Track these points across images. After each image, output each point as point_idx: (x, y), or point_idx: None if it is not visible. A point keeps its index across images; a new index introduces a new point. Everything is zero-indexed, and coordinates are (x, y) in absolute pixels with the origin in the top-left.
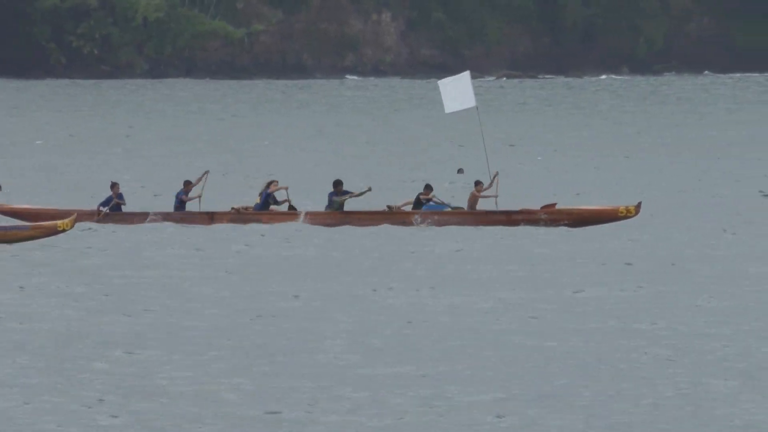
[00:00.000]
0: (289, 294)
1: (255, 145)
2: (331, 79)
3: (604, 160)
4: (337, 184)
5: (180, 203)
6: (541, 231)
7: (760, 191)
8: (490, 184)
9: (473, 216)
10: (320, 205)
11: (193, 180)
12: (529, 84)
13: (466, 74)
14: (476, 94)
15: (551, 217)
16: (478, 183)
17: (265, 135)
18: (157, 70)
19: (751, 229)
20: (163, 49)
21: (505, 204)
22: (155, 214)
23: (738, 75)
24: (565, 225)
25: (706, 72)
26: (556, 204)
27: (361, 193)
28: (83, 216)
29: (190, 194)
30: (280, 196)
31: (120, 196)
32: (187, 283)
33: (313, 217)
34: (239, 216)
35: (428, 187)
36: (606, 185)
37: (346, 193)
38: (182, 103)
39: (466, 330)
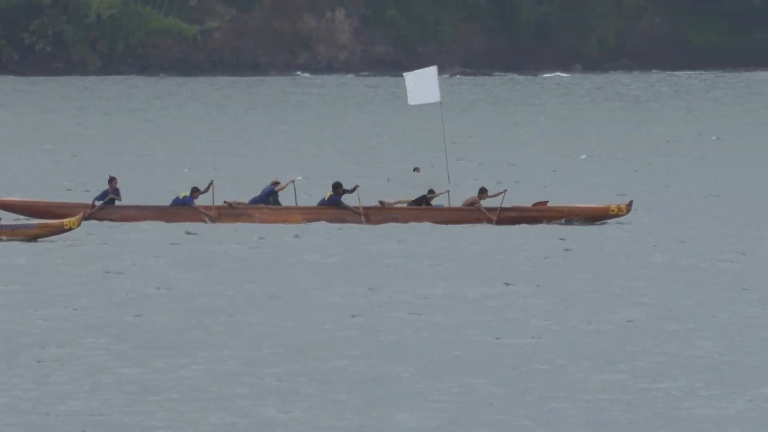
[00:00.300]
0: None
1: (193, 142)
2: (284, 77)
3: (552, 157)
4: (337, 186)
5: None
6: (535, 228)
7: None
8: (495, 195)
9: (466, 213)
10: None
11: (201, 188)
12: (481, 81)
13: (433, 69)
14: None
15: (546, 215)
16: (483, 191)
17: (208, 132)
18: (110, 67)
19: (707, 226)
20: (117, 46)
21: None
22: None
23: (690, 73)
24: (577, 222)
25: (655, 70)
26: (547, 202)
27: (354, 189)
28: (77, 210)
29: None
30: (285, 196)
31: (116, 192)
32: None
33: (308, 214)
34: (231, 210)
35: (431, 191)
36: (556, 182)
37: (345, 191)
38: (129, 100)
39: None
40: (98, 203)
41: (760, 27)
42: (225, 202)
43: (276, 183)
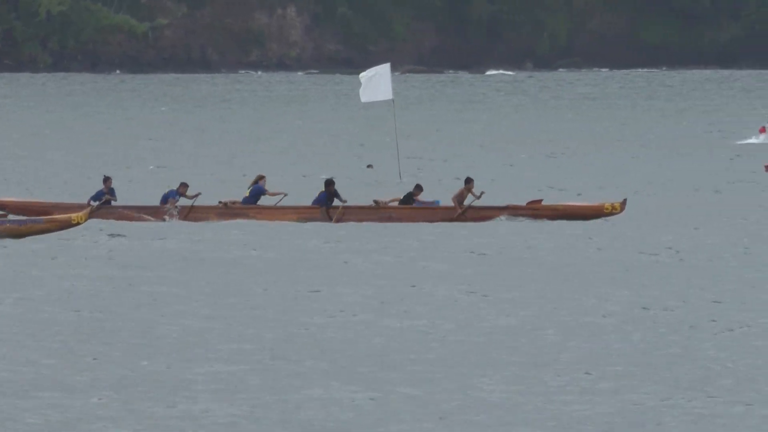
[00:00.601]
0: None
1: (119, 139)
2: (235, 74)
3: (499, 154)
4: (329, 184)
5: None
6: (526, 226)
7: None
8: (479, 195)
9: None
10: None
11: (189, 187)
12: (428, 79)
13: (387, 66)
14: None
15: (536, 213)
16: (468, 180)
17: (142, 130)
18: (60, 64)
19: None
20: (67, 43)
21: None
22: (141, 208)
23: (642, 71)
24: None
25: (605, 69)
26: (542, 200)
27: (343, 204)
28: (72, 209)
29: (178, 202)
30: (274, 200)
31: (111, 191)
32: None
33: (302, 213)
34: (227, 210)
35: (419, 187)
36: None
37: (338, 195)
38: (71, 97)
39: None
40: (93, 203)
41: (711, 25)
42: (220, 202)
43: (261, 177)
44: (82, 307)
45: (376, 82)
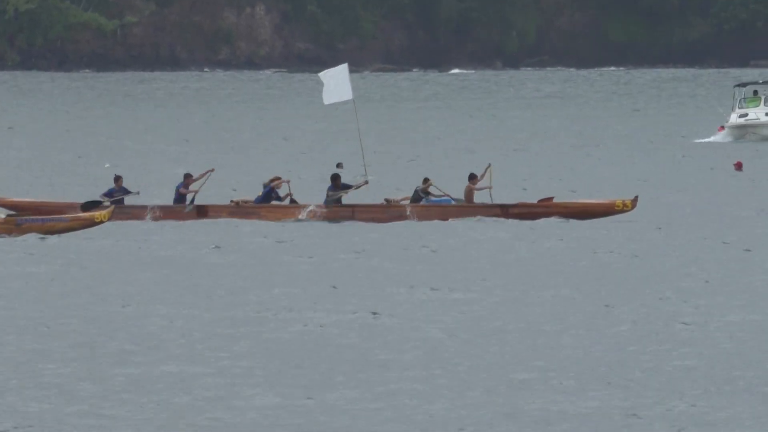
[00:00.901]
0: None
1: (77, 137)
2: (203, 72)
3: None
4: (335, 178)
5: (179, 196)
6: (538, 224)
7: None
8: (482, 176)
9: (471, 209)
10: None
11: (194, 174)
12: (393, 78)
13: (344, 67)
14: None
15: (548, 210)
16: (472, 176)
17: (102, 129)
18: (28, 62)
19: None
20: (35, 41)
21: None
22: (154, 207)
23: (608, 69)
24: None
25: (572, 68)
26: (553, 198)
27: (359, 186)
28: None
29: (190, 187)
30: (282, 191)
31: (122, 190)
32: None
33: (314, 212)
34: (239, 209)
35: (426, 180)
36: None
37: (347, 187)
38: (26, 96)
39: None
40: (107, 201)
41: (679, 23)
42: (232, 201)
43: (275, 179)
44: (92, 306)
45: (336, 83)
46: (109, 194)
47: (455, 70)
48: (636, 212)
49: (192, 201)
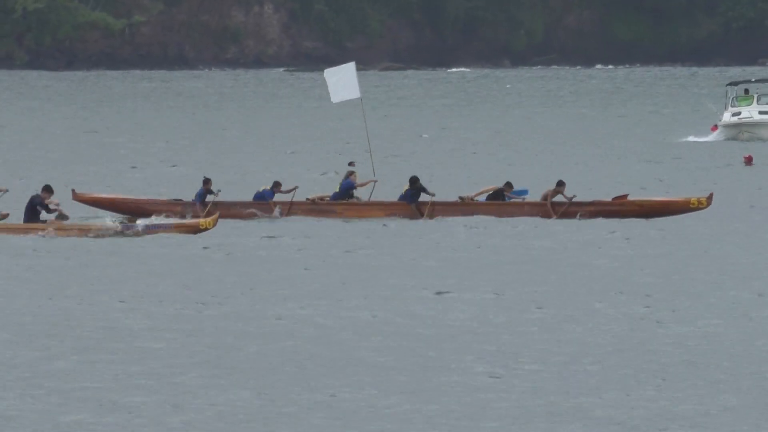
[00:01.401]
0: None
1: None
2: (214, 71)
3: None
4: (415, 181)
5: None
6: (614, 223)
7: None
8: (569, 199)
9: (546, 207)
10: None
11: (283, 184)
12: (397, 77)
13: (351, 65)
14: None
15: (622, 208)
16: (560, 183)
17: (95, 126)
18: (36, 62)
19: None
20: (43, 41)
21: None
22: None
23: (614, 67)
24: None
25: (580, 65)
26: (627, 195)
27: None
28: (172, 207)
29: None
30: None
31: (211, 192)
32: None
33: (390, 209)
34: (314, 206)
35: (509, 185)
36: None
37: (425, 190)
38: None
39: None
40: (198, 204)
41: (686, 22)
42: (308, 198)
43: (352, 173)
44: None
45: (344, 81)
46: (199, 197)
47: (453, 69)
48: (710, 209)
49: (202, 200)
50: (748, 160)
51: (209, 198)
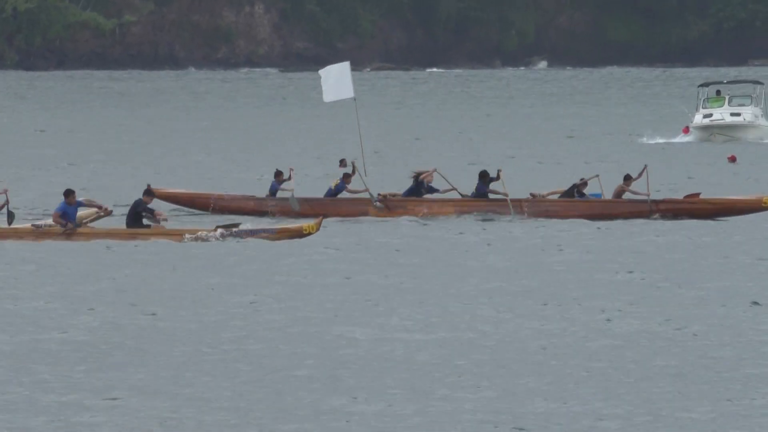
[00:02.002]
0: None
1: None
2: (202, 71)
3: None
4: (483, 175)
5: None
6: (685, 222)
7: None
8: (639, 176)
9: (618, 204)
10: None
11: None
12: (395, 76)
13: (346, 65)
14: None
15: (694, 207)
16: (627, 178)
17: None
18: (27, 62)
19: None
20: (34, 41)
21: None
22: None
23: (606, 68)
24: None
25: (569, 67)
26: (699, 194)
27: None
28: (244, 202)
29: (349, 186)
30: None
31: (282, 183)
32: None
33: (462, 206)
34: (386, 202)
35: (584, 183)
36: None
37: (492, 180)
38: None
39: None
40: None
41: (678, 24)
42: (379, 194)
43: (424, 172)
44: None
45: (338, 81)
46: (272, 191)
47: (434, 69)
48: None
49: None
50: (732, 159)
51: (283, 188)
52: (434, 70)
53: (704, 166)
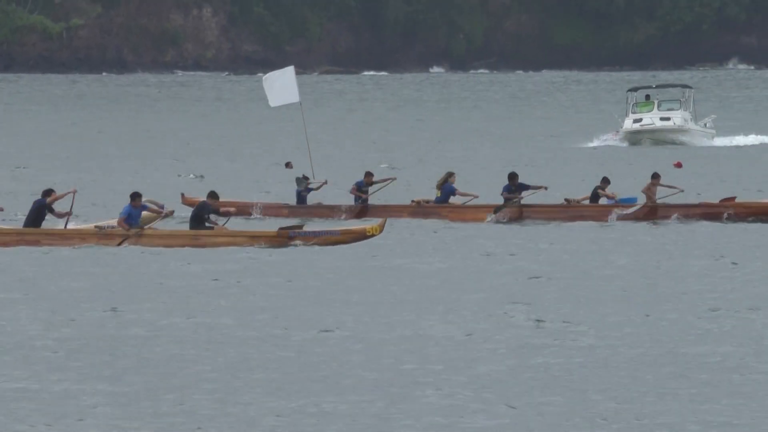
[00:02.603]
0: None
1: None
2: (151, 74)
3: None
4: (513, 176)
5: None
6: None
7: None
8: (670, 187)
9: (654, 209)
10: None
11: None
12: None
13: (291, 69)
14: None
15: (734, 210)
16: (656, 175)
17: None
18: None
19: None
20: None
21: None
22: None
23: (556, 72)
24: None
25: (519, 70)
26: (735, 197)
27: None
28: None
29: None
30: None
31: (309, 189)
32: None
33: (503, 214)
34: (419, 209)
35: (606, 180)
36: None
37: (525, 187)
38: None
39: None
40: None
41: (625, 27)
42: (413, 201)
43: (451, 175)
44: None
45: (283, 85)
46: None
47: (370, 72)
48: None
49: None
50: (678, 165)
51: (309, 186)
52: (383, 73)
53: (637, 170)
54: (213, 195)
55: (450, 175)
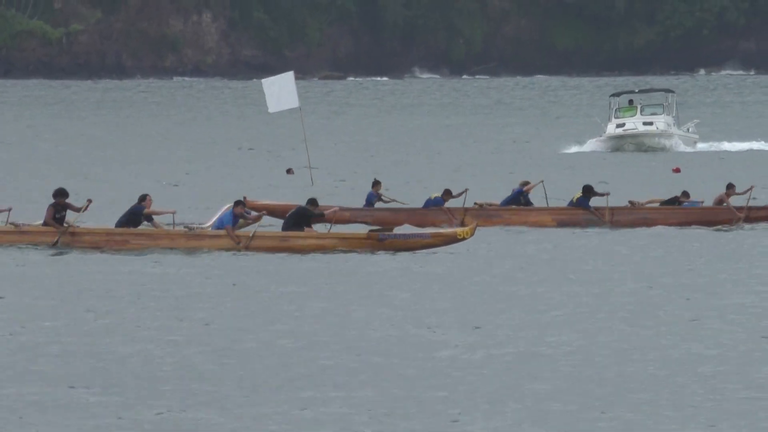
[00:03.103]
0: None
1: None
2: (154, 80)
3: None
4: (588, 190)
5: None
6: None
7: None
8: (745, 191)
9: (717, 213)
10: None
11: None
12: (339, 85)
13: (290, 74)
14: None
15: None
16: (730, 186)
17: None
18: None
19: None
20: None
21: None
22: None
23: (552, 78)
24: None
25: (519, 75)
26: None
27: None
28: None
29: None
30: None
31: (378, 196)
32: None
33: (560, 215)
34: (481, 212)
35: (685, 194)
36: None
37: (596, 193)
38: None
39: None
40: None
41: (625, 31)
42: (475, 203)
43: (525, 183)
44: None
45: (282, 91)
46: (369, 201)
47: (363, 77)
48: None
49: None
50: (676, 171)
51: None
52: (384, 79)
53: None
54: (312, 202)
55: (526, 183)
